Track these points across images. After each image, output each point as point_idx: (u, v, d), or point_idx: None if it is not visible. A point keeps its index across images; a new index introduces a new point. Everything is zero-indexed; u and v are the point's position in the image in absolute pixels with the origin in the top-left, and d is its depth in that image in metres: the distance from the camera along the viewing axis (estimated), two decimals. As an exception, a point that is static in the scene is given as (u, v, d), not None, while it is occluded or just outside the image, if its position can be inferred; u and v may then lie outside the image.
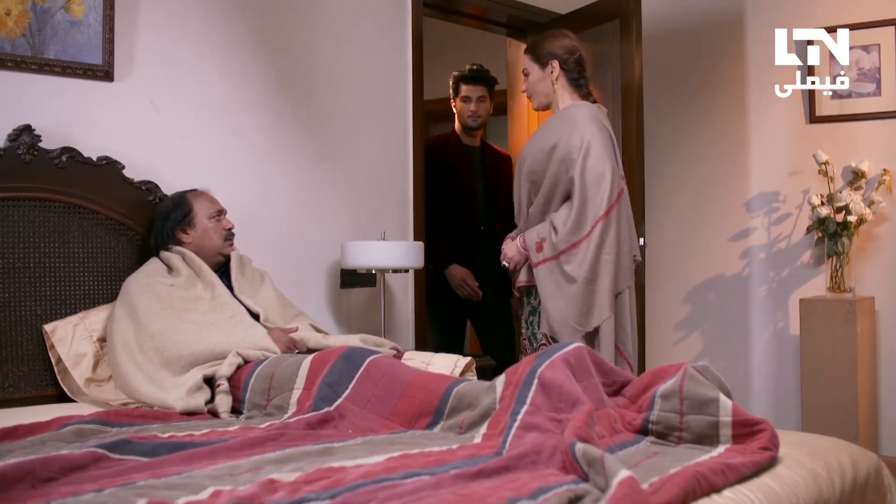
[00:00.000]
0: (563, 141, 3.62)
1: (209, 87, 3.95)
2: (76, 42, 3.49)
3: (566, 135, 3.63)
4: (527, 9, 5.51)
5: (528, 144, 3.82)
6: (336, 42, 4.45)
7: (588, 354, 2.48)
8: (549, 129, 3.73)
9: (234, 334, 3.12)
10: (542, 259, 3.63)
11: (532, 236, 3.66)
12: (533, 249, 3.64)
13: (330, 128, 4.43)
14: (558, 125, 3.70)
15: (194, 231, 3.48)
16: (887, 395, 5.10)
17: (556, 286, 3.60)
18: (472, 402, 2.45)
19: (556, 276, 3.60)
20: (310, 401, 2.67)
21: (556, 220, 3.61)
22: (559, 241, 3.58)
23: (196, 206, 3.51)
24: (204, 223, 3.49)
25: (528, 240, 3.67)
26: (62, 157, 3.35)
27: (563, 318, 3.58)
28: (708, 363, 2.36)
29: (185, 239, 3.47)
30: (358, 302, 4.55)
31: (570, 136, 3.62)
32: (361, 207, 4.56)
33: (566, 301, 3.58)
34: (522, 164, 3.77)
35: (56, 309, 3.33)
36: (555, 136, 3.66)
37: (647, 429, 2.30)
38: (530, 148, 3.76)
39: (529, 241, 3.66)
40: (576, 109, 3.74)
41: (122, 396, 3.09)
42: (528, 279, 3.72)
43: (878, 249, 5.13)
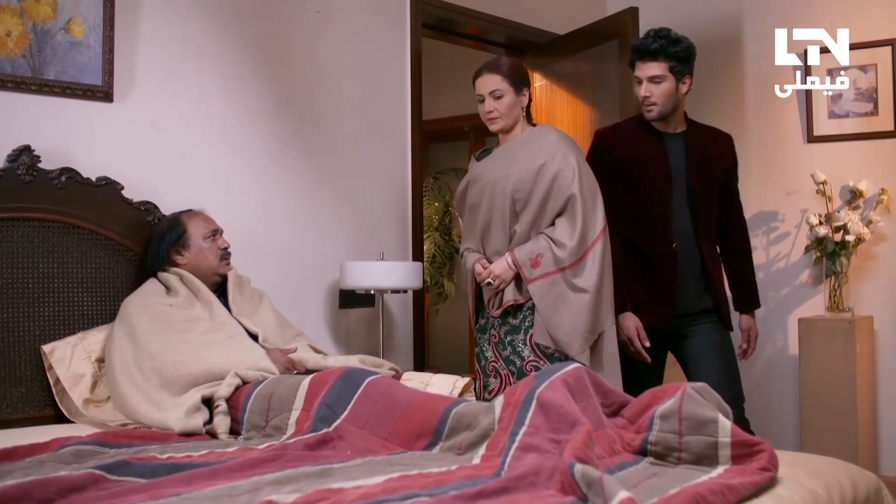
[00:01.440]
0: (552, 161, 3.66)
1: (209, 107, 3.96)
2: (76, 63, 3.50)
3: (554, 155, 3.67)
4: (525, 29, 5.53)
5: (503, 167, 3.77)
6: (336, 62, 4.47)
7: (587, 375, 2.48)
8: (528, 150, 3.75)
9: (233, 355, 3.12)
10: (539, 274, 3.62)
11: (524, 253, 3.65)
12: (527, 266, 3.63)
13: (329, 147, 4.44)
14: (537, 147, 3.73)
15: (189, 252, 3.48)
16: (887, 415, 5.10)
17: (560, 299, 3.61)
18: (471, 422, 2.44)
19: (560, 290, 3.61)
20: (308, 421, 2.67)
21: (556, 236, 3.63)
22: (567, 255, 3.60)
23: (190, 226, 3.51)
24: (199, 244, 3.50)
25: (519, 257, 3.66)
26: (61, 178, 3.36)
27: (573, 329, 3.59)
28: (706, 384, 2.36)
29: (181, 260, 3.48)
30: (357, 322, 4.55)
31: (559, 155, 3.67)
32: (360, 228, 4.56)
33: (574, 312, 3.60)
34: (496, 187, 3.74)
35: (54, 329, 3.33)
36: (539, 156, 3.68)
37: (646, 449, 2.29)
38: (508, 170, 3.74)
39: (522, 258, 3.64)
40: (547, 131, 3.83)
41: (120, 417, 3.08)
42: (515, 297, 3.71)
43: (876, 269, 5.14)
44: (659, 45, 3.74)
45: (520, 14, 5.47)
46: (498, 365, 3.74)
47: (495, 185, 3.72)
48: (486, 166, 3.82)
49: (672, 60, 3.74)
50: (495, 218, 3.73)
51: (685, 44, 3.78)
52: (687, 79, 3.81)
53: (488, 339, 3.79)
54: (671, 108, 3.82)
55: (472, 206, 3.82)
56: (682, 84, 3.80)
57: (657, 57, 3.75)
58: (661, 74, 3.75)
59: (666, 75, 3.75)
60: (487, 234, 3.77)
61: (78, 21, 3.50)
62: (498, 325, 3.76)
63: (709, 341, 3.89)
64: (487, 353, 3.79)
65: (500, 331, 3.75)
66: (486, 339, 3.80)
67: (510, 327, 3.73)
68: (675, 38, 3.77)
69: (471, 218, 3.85)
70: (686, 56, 3.77)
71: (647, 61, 3.77)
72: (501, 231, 3.73)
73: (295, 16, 4.32)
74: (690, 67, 3.81)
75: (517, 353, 3.69)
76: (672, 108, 3.82)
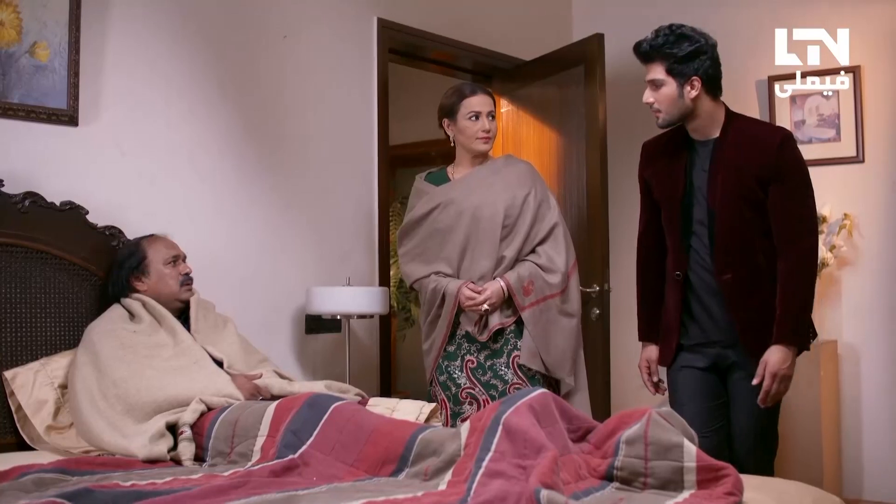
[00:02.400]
0: (533, 190, 3.81)
1: (175, 131, 3.95)
2: (41, 86, 3.48)
3: (534, 184, 3.84)
4: (492, 55, 5.55)
5: (484, 193, 3.78)
6: (303, 87, 4.47)
7: (552, 400, 2.48)
8: (505, 178, 3.83)
9: (198, 381, 3.10)
10: (532, 301, 3.70)
11: (514, 279, 3.69)
12: (520, 293, 3.68)
13: (296, 173, 4.43)
14: (513, 175, 3.86)
15: (149, 279, 3.46)
16: (850, 438, 5.13)
17: (553, 324, 3.74)
18: (437, 448, 2.44)
19: (552, 315, 3.73)
20: (274, 448, 2.65)
21: (544, 262, 3.75)
22: (559, 281, 3.75)
23: (150, 252, 3.48)
24: (159, 270, 3.47)
25: (512, 283, 3.68)
26: (25, 202, 3.33)
27: (563, 352, 3.75)
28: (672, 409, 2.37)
29: (141, 287, 3.45)
30: (323, 348, 4.53)
31: (539, 185, 3.87)
32: (327, 253, 4.55)
33: (565, 336, 3.77)
34: (480, 213, 3.75)
35: (17, 355, 3.29)
36: (521, 185, 3.81)
37: (613, 475, 2.30)
38: (493, 197, 3.76)
39: (515, 284, 3.68)
40: (515, 160, 4.07)
41: (83, 444, 3.05)
42: (502, 321, 3.72)
43: (840, 293, 5.19)
44: (650, 46, 3.32)
45: (486, 40, 5.50)
46: (475, 391, 3.74)
47: (480, 210, 3.75)
48: (459, 191, 3.84)
49: (669, 61, 3.28)
50: (481, 243, 3.75)
51: (690, 41, 3.27)
52: (696, 80, 3.28)
53: (461, 365, 3.79)
54: (679, 114, 3.34)
55: (442, 229, 3.82)
56: (688, 86, 3.29)
57: (652, 59, 3.33)
58: (660, 78, 3.31)
59: (665, 79, 3.31)
60: (466, 259, 3.78)
61: (43, 45, 3.48)
62: (475, 350, 3.76)
63: (737, 389, 3.41)
64: (460, 380, 3.78)
65: (479, 356, 3.76)
66: (459, 366, 3.79)
67: (491, 351, 3.75)
68: (679, 35, 3.28)
69: (436, 242, 3.84)
70: (688, 55, 3.26)
71: (645, 63, 3.36)
72: (487, 256, 3.74)
73: (262, 41, 4.32)
74: (698, 67, 3.27)
75: (499, 376, 3.71)
76: (681, 113, 3.34)
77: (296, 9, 4.47)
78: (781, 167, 3.26)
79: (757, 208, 3.29)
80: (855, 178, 5.15)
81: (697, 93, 3.29)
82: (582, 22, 6.08)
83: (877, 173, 5.12)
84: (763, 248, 3.31)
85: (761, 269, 3.31)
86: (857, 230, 5.12)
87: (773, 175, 3.25)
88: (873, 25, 5.08)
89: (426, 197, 3.91)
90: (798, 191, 3.29)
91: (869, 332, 5.13)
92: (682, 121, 3.38)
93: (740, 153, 3.29)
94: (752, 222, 3.30)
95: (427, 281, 3.85)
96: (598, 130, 4.99)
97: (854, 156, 5.13)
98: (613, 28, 5.25)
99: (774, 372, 3.24)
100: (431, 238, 3.85)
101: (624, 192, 5.14)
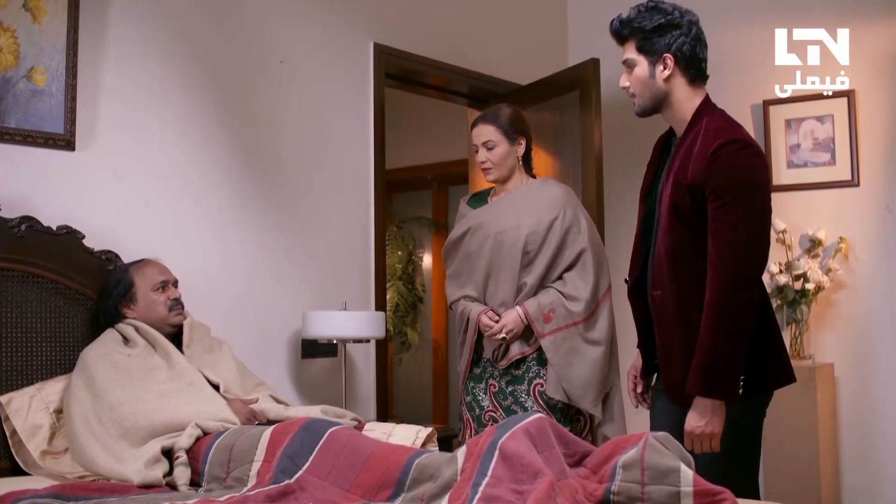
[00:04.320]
0: (562, 216, 3.71)
1: (172, 156, 3.95)
2: (38, 111, 3.49)
3: (564, 210, 3.73)
4: (488, 80, 5.57)
5: (510, 218, 3.75)
6: (299, 112, 4.48)
7: (549, 425, 2.48)
8: (534, 203, 3.75)
9: (194, 405, 3.09)
10: (551, 329, 3.64)
11: (535, 307, 3.65)
12: (539, 321, 3.64)
13: (292, 197, 4.44)
14: (543, 200, 3.77)
15: (137, 306, 3.45)
16: (848, 462, 5.12)
17: (574, 353, 3.66)
18: (434, 473, 2.43)
19: (574, 343, 3.66)
20: (270, 473, 2.64)
21: (568, 290, 3.68)
22: (582, 309, 3.67)
23: (137, 279, 3.48)
24: (147, 296, 3.47)
25: (531, 310, 3.66)
26: (21, 227, 3.33)
27: (587, 383, 3.65)
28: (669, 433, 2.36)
29: (130, 314, 3.45)
30: (319, 372, 4.52)
31: (570, 211, 3.74)
32: (323, 277, 4.55)
33: (589, 366, 3.66)
34: (504, 237, 3.73)
35: (12, 380, 3.28)
36: (549, 210, 3.72)
37: (609, 499, 2.28)
38: (517, 221, 3.73)
39: (535, 313, 3.65)
40: (551, 185, 3.90)
41: (78, 469, 3.04)
42: (522, 350, 3.71)
43: (836, 316, 5.19)
44: (620, 22, 2.86)
45: (482, 65, 5.52)
46: (497, 415, 3.74)
47: (503, 235, 3.73)
48: (489, 215, 3.83)
49: (638, 36, 2.82)
50: (503, 269, 3.74)
51: (663, 13, 2.81)
52: (668, 58, 2.80)
53: (485, 388, 3.80)
54: (652, 98, 2.87)
55: (470, 253, 3.83)
56: (660, 65, 2.82)
57: (624, 37, 2.87)
58: (631, 57, 2.86)
59: (636, 57, 2.85)
60: (490, 285, 3.78)
61: (40, 69, 3.49)
62: (498, 375, 3.76)
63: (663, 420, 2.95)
64: (484, 402, 3.79)
65: (501, 381, 3.75)
66: (483, 389, 3.81)
67: (512, 377, 3.74)
68: (651, 7, 2.82)
69: (468, 265, 3.85)
70: (658, 27, 2.79)
71: (620, 45, 2.91)
72: (509, 283, 3.73)
73: (258, 65, 4.33)
74: (670, 43, 2.80)
75: (519, 402, 3.70)
76: (653, 97, 2.87)
77: (292, 34, 4.49)
78: (710, 181, 2.70)
79: (692, 226, 2.78)
80: (850, 201, 5.16)
81: (670, 72, 2.81)
82: (577, 47, 6.10)
83: (872, 197, 5.13)
84: (697, 271, 2.76)
85: (690, 294, 2.79)
86: (853, 253, 5.13)
87: (706, 189, 2.71)
88: (867, 50, 5.09)
89: (463, 220, 3.95)
90: (728, 210, 2.69)
91: (865, 355, 5.13)
92: (657, 108, 2.90)
93: (685, 159, 2.79)
94: (689, 240, 2.79)
95: (457, 304, 3.90)
96: (593, 155, 5.00)
97: (849, 179, 5.14)
98: (609, 53, 5.20)
99: (689, 431, 2.75)
100: (464, 261, 3.88)
101: (619, 215, 5.15)
